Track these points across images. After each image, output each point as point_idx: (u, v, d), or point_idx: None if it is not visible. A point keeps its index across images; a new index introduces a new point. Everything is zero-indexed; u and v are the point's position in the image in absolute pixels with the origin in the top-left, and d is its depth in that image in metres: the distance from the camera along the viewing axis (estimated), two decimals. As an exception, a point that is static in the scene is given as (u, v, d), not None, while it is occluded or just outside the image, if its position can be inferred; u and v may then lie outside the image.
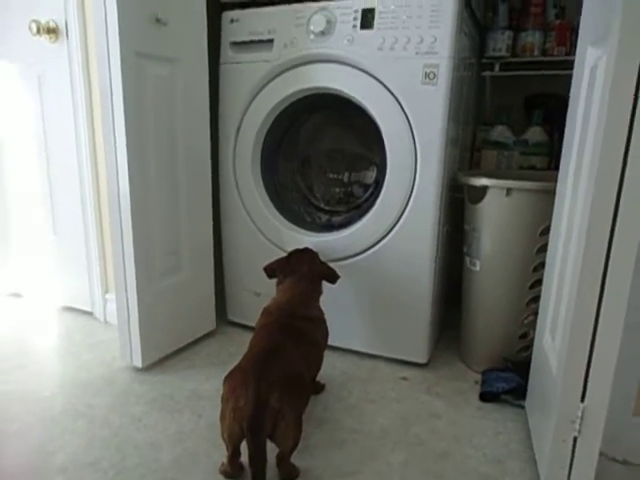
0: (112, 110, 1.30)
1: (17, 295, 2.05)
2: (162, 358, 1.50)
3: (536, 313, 1.27)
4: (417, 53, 1.31)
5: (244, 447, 0.94)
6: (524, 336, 1.40)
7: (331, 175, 1.73)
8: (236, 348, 1.57)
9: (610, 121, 0.81)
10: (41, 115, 1.76)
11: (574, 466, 0.93)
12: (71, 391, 1.34)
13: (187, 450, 1.10)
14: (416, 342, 1.48)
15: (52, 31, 1.63)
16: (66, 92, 1.65)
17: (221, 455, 1.03)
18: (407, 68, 1.33)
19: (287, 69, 1.48)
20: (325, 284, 1.36)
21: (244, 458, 0.99)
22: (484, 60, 1.75)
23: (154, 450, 1.10)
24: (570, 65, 1.15)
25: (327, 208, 1.72)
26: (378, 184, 1.51)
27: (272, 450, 0.97)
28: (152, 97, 1.36)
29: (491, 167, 1.83)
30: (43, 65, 1.70)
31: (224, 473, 1.02)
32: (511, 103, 1.88)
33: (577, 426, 0.91)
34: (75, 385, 1.37)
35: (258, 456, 0.92)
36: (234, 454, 1.00)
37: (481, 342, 1.47)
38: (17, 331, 1.73)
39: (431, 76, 1.31)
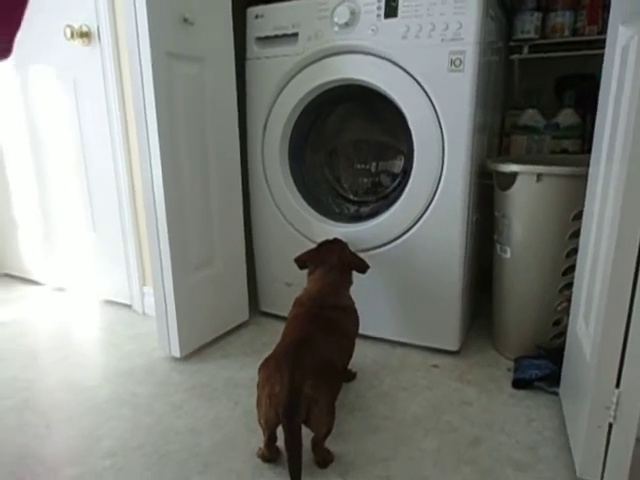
0: (144, 110, 1.34)
1: (61, 289, 2.15)
2: (199, 348, 1.56)
3: (569, 300, 1.26)
4: (442, 40, 1.30)
5: (280, 432, 0.98)
6: (557, 323, 1.38)
7: (358, 165, 1.74)
8: (269, 338, 1.61)
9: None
10: (77, 117, 1.83)
11: (609, 453, 0.93)
12: (115, 380, 1.41)
13: (226, 435, 1.15)
14: (447, 330, 1.48)
15: (85, 35, 1.69)
16: (100, 94, 1.71)
17: (258, 440, 1.07)
18: (432, 56, 1.32)
19: (312, 62, 1.49)
20: (355, 274, 1.38)
21: (280, 443, 1.02)
22: (512, 43, 1.71)
23: (194, 435, 1.15)
24: (602, 44, 1.12)
25: (355, 199, 1.73)
26: (406, 173, 1.51)
27: (307, 435, 1.00)
28: (182, 96, 1.40)
29: (521, 152, 1.80)
30: (78, 68, 1.77)
31: (262, 457, 1.06)
32: (541, 86, 1.83)
33: (612, 412, 0.90)
34: (118, 375, 1.44)
35: (294, 441, 0.95)
36: (271, 439, 1.04)
37: (513, 329, 1.46)
38: (61, 324, 1.82)
39: (457, 63, 1.30)
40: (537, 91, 1.81)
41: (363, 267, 1.38)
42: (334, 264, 1.34)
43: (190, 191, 1.47)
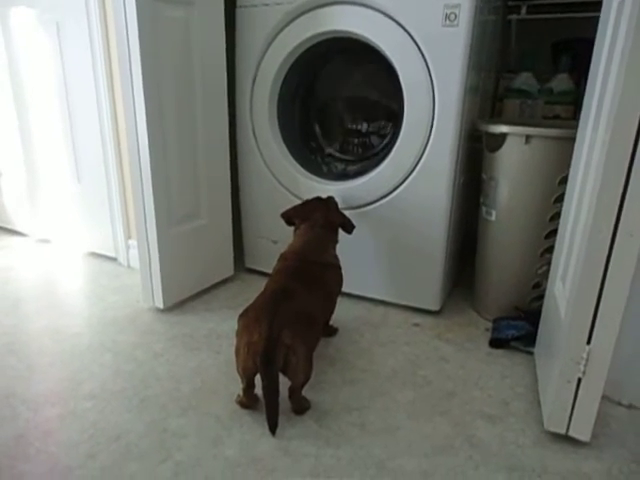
0: (129, 55, 1.30)
1: (46, 241, 2.13)
2: (182, 300, 1.57)
3: (550, 263, 1.28)
4: (438, -7, 1.27)
5: (258, 380, 1.00)
6: (537, 286, 1.40)
7: (349, 125, 1.71)
8: (253, 293, 1.59)
9: (634, 54, 0.78)
10: (61, 62, 1.77)
11: (576, 407, 0.96)
12: (98, 329, 1.42)
13: (206, 382, 1.17)
14: (429, 290, 1.50)
15: (69, -25, 1.62)
16: (84, 38, 1.65)
17: (238, 387, 1.09)
18: (427, 9, 1.28)
19: (303, 12, 1.45)
20: (342, 234, 1.38)
21: (258, 390, 1.04)
22: (510, 2, 1.67)
23: (175, 382, 1.17)
24: (601, 7, 1.10)
25: (343, 157, 1.71)
26: (395, 133, 1.49)
27: (285, 384, 1.02)
28: (168, 41, 1.35)
29: (513, 116, 1.78)
30: (61, 10, 1.70)
31: (240, 403, 1.08)
32: (538, 49, 1.80)
33: (582, 367, 0.93)
34: (101, 323, 1.45)
35: (271, 388, 0.97)
36: (249, 386, 1.06)
37: (494, 291, 1.48)
38: (46, 274, 1.82)
39: (452, 17, 1.26)
40: (533, 54, 1.78)
41: (349, 226, 1.38)
42: (319, 221, 1.33)
43: (175, 143, 1.44)
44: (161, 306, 1.49)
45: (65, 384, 1.16)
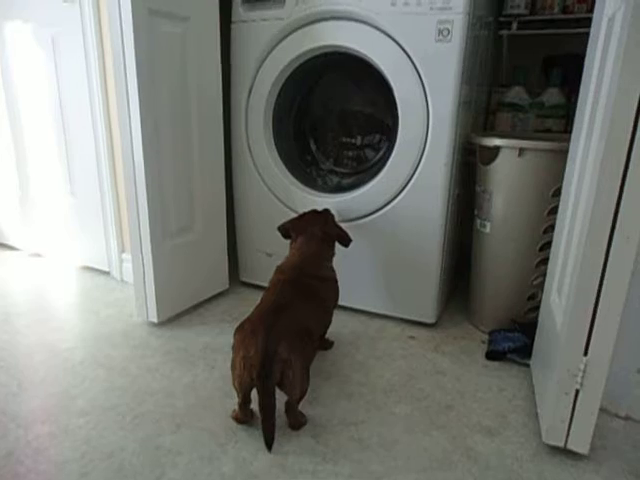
0: (125, 69, 1.30)
1: (38, 255, 2.11)
2: (177, 314, 1.55)
3: (545, 275, 1.28)
4: (431, 8, 1.29)
5: (254, 395, 0.98)
6: (532, 297, 1.41)
7: (344, 139, 1.72)
8: (248, 307, 1.58)
9: (625, 72, 0.80)
10: (55, 76, 1.77)
11: (574, 419, 0.96)
12: (90, 344, 1.40)
13: (200, 398, 1.15)
14: (425, 303, 1.50)
15: (65, -10, 1.63)
16: (79, 52, 1.66)
17: (233, 403, 1.08)
18: (420, 24, 1.30)
19: (299, 27, 1.46)
20: (338, 247, 1.38)
21: (254, 405, 1.03)
22: (501, 18, 1.70)
23: (169, 397, 1.15)
24: (591, 23, 1.12)
25: (338, 170, 1.72)
26: (389, 146, 1.50)
27: (282, 399, 1.01)
28: (164, 56, 1.36)
29: (506, 130, 1.80)
30: (56, 25, 1.70)
31: (235, 419, 1.07)
32: (529, 64, 1.83)
33: (579, 379, 0.93)
34: (94, 338, 1.43)
35: (267, 403, 0.96)
36: (245, 401, 1.04)
37: (489, 303, 1.49)
38: (38, 289, 1.79)
39: (445, 33, 1.28)
40: (524, 69, 1.80)
41: (346, 240, 1.38)
42: (316, 234, 1.33)
43: (171, 156, 1.44)
44: (155, 320, 1.48)
45: (57, 400, 1.14)
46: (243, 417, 1.06)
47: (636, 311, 1.05)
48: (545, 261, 1.32)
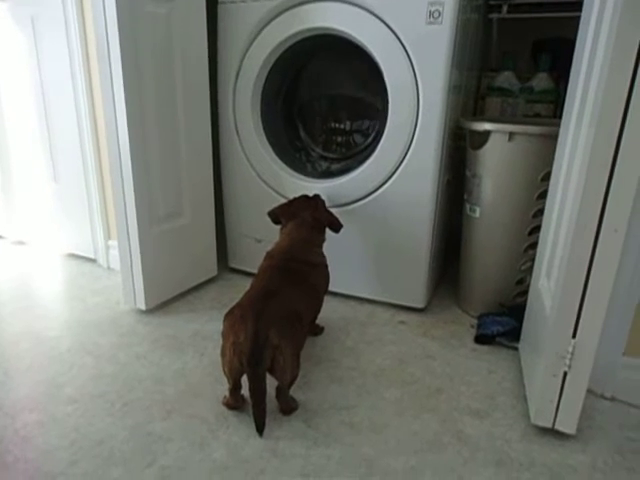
0: (108, 50, 1.27)
1: (21, 243, 2.07)
2: (165, 302, 1.54)
3: (533, 259, 1.29)
4: (422, -10, 1.27)
5: (245, 381, 0.98)
6: (521, 282, 1.42)
7: (331, 121, 1.70)
8: (237, 293, 1.57)
9: (616, 57, 0.79)
10: (36, 58, 1.72)
11: (562, 400, 0.97)
12: (77, 331, 1.38)
13: (190, 384, 1.15)
14: (414, 287, 1.50)
15: (44, -32, 1.58)
16: (61, 33, 1.61)
17: (223, 389, 1.08)
18: (411, 6, 1.28)
19: (287, 8, 1.43)
20: (328, 233, 1.37)
21: (245, 391, 1.02)
22: (492, 1, 1.69)
23: (159, 384, 1.14)
24: (581, 7, 1.11)
25: (327, 155, 1.70)
26: (379, 131, 1.49)
27: (272, 384, 1.01)
28: (148, 37, 1.32)
29: (495, 115, 1.80)
30: (36, 4, 1.65)
31: (226, 405, 1.06)
32: (519, 48, 1.82)
33: (567, 361, 0.94)
34: (81, 326, 1.41)
35: (258, 388, 0.96)
36: (235, 387, 1.04)
37: (478, 287, 1.49)
38: (22, 276, 1.76)
39: (435, 15, 1.27)
40: (514, 53, 1.80)
41: (337, 225, 1.37)
42: (307, 219, 1.32)
43: (157, 140, 1.41)
44: (143, 307, 1.46)
45: (44, 388, 1.12)
46: (234, 403, 1.06)
47: (623, 294, 1.07)
48: (533, 245, 1.33)
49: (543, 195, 1.28)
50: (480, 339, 1.36)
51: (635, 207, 0.87)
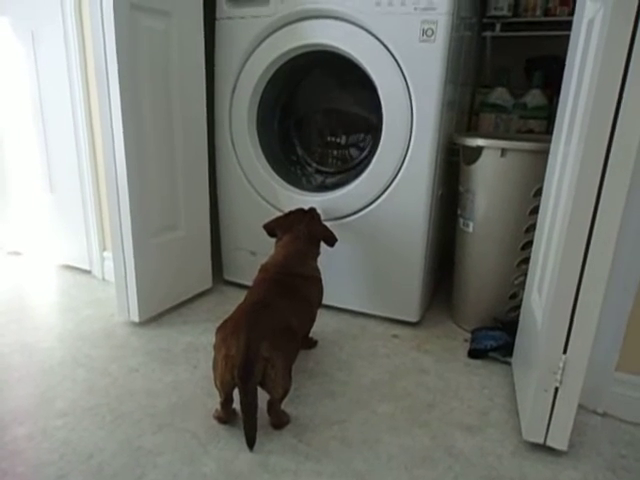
0: (106, 65, 1.28)
1: (17, 253, 2.07)
2: (159, 314, 1.53)
3: (526, 274, 1.29)
4: (415, 9, 1.29)
5: (236, 394, 0.98)
6: (514, 296, 1.42)
7: (326, 135, 1.72)
8: (232, 306, 1.57)
9: (603, 75, 0.81)
10: (35, 71, 1.74)
11: (554, 415, 0.97)
12: (70, 343, 1.37)
13: (182, 398, 1.14)
14: (408, 301, 1.50)
15: (44, -17, 1.60)
16: (60, 47, 1.63)
17: (215, 402, 1.07)
18: (405, 24, 1.30)
19: (283, 25, 1.45)
20: (322, 246, 1.37)
21: (236, 405, 1.02)
22: (485, 20, 1.72)
23: (151, 397, 1.14)
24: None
25: (322, 169, 1.71)
26: (373, 145, 1.50)
27: (264, 398, 1.01)
28: (146, 52, 1.34)
29: (489, 130, 1.82)
30: (36, 19, 1.67)
31: (217, 418, 1.06)
32: (512, 65, 1.85)
33: (558, 377, 0.94)
34: (74, 338, 1.40)
35: (249, 402, 0.95)
36: (227, 400, 1.04)
37: (472, 302, 1.50)
38: (16, 288, 1.76)
39: (429, 33, 1.29)
40: (507, 70, 1.83)
41: (332, 240, 1.37)
42: (302, 233, 1.32)
43: (153, 152, 1.42)
44: (137, 320, 1.46)
45: (35, 401, 1.12)
46: (225, 416, 1.05)
47: (614, 310, 1.07)
48: (526, 260, 1.34)
49: (535, 210, 1.29)
50: (473, 354, 1.36)
51: (624, 222, 0.88)
